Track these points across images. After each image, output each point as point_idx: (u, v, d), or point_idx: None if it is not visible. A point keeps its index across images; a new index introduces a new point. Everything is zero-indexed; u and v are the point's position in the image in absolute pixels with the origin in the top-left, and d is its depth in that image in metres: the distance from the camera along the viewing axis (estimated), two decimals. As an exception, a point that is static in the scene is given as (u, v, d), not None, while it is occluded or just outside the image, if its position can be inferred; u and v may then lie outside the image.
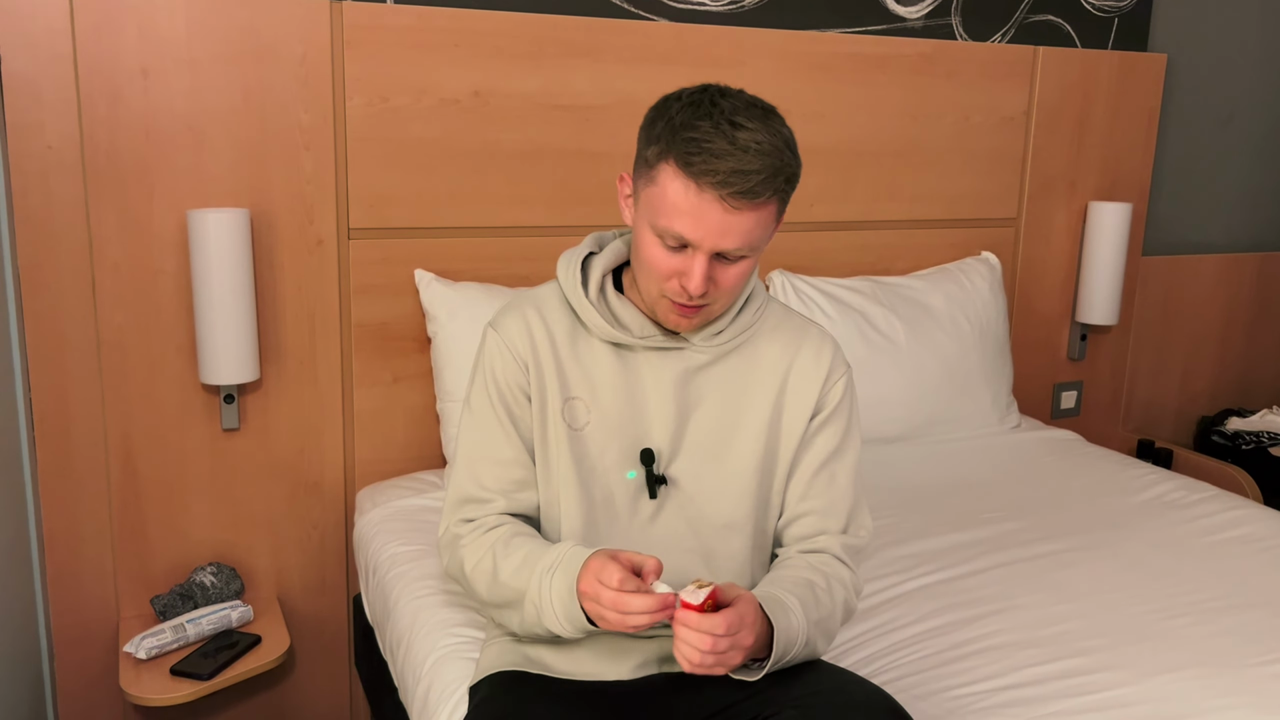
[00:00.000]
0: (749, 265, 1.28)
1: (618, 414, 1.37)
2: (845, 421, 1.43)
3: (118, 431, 2.03)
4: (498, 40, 2.16)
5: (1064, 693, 1.46)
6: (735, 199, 1.19)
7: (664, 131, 1.23)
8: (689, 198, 1.20)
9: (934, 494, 2.16)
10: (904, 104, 2.57)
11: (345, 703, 2.33)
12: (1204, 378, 3.24)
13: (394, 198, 2.14)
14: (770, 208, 1.24)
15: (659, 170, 1.23)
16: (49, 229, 1.92)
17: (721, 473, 1.38)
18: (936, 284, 2.56)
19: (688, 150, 1.20)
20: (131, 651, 1.92)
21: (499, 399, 1.38)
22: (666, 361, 1.37)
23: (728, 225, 1.21)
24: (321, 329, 2.14)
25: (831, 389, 1.42)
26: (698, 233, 1.22)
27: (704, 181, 1.19)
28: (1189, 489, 2.21)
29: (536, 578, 1.26)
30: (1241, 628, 1.65)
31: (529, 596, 1.27)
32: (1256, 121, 3.15)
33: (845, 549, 1.41)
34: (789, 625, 1.26)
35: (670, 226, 1.23)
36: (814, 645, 1.32)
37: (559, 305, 1.40)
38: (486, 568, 1.33)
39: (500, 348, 1.38)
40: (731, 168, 1.18)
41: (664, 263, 1.26)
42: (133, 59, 1.92)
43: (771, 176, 1.20)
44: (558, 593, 1.24)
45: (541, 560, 1.27)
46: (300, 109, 2.04)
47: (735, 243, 1.23)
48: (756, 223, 1.23)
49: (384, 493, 2.12)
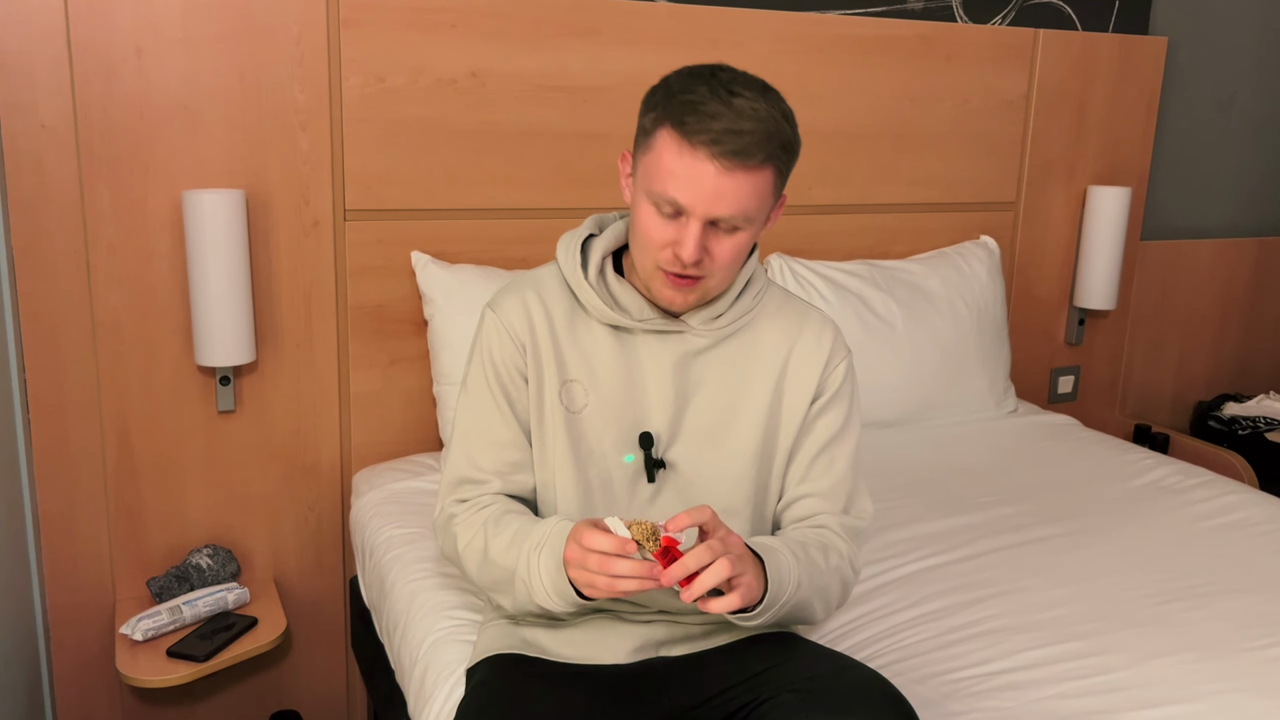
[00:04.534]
0: (744, 239, 1.27)
1: (616, 397, 1.36)
2: (846, 406, 1.43)
3: (113, 413, 2.02)
4: (495, 20, 2.15)
5: (1061, 676, 1.47)
6: (728, 159, 1.19)
7: (662, 99, 1.25)
8: (683, 159, 1.21)
9: (931, 478, 2.16)
10: (903, 87, 2.55)
11: (342, 685, 2.33)
12: (1201, 363, 3.25)
13: (390, 179, 2.13)
14: (765, 174, 1.23)
15: (655, 137, 1.24)
16: (43, 209, 1.91)
17: (720, 457, 1.37)
18: (934, 268, 2.56)
19: (682, 111, 1.21)
20: (128, 633, 1.92)
21: (496, 380, 1.38)
22: (666, 345, 1.37)
23: (721, 189, 1.21)
24: (318, 311, 2.13)
25: (832, 373, 1.42)
26: (690, 195, 1.22)
27: (697, 140, 1.20)
28: (1185, 474, 2.22)
29: (524, 555, 1.27)
30: (1237, 612, 1.65)
31: (518, 574, 1.28)
32: (1256, 106, 3.14)
33: (844, 528, 1.41)
34: (778, 565, 1.26)
35: (665, 191, 1.23)
36: (810, 604, 1.31)
37: (558, 287, 1.40)
38: (478, 546, 1.33)
39: (498, 328, 1.38)
40: (725, 127, 1.19)
41: (659, 232, 1.26)
42: (127, 37, 1.90)
43: (765, 139, 1.21)
44: (546, 568, 1.24)
45: (530, 537, 1.28)
46: (296, 89, 2.03)
47: (728, 209, 1.22)
48: (751, 190, 1.22)
49: (381, 475, 2.12)
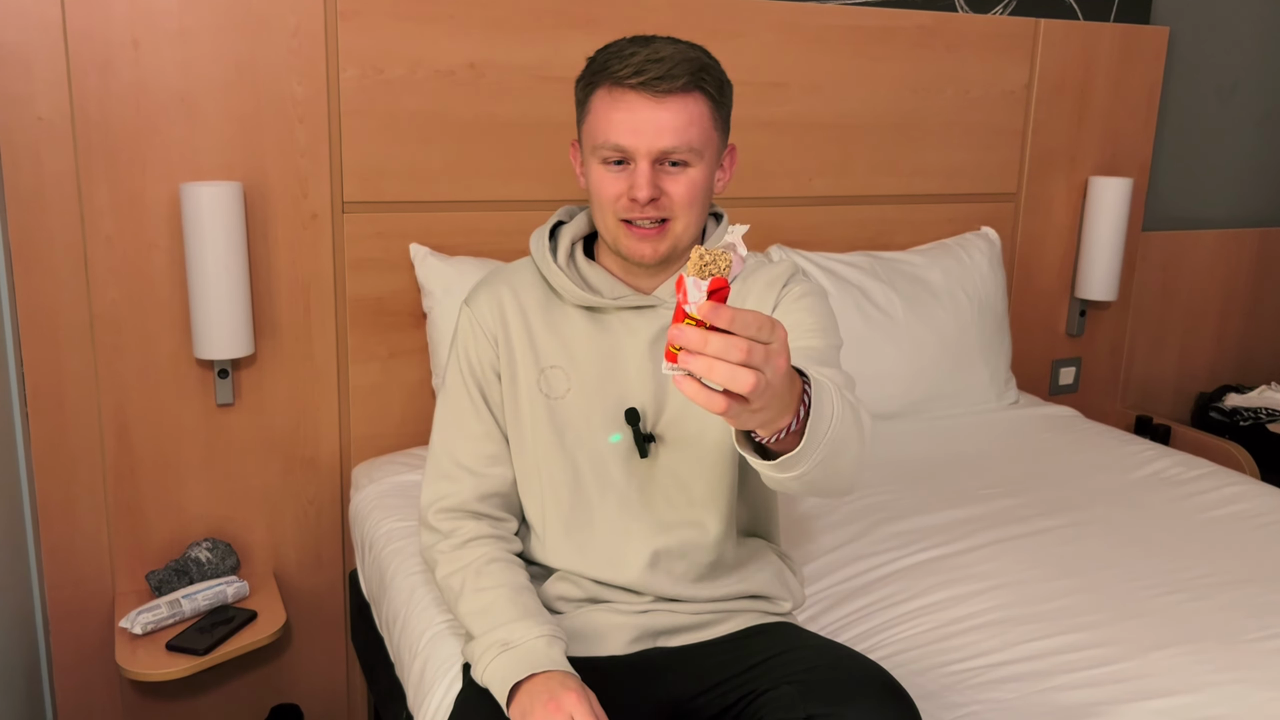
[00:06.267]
0: (697, 175, 1.29)
1: (597, 379, 1.37)
2: (813, 316, 1.34)
3: (112, 407, 2.01)
4: (493, 11, 2.14)
5: (1061, 668, 1.46)
6: (654, 87, 1.24)
7: (586, 71, 1.31)
8: (615, 101, 1.26)
9: (932, 470, 2.16)
10: (904, 77, 2.54)
11: (341, 678, 2.33)
12: (1203, 354, 3.24)
13: (388, 171, 2.12)
14: (696, 100, 1.26)
15: (589, 102, 1.30)
16: (40, 203, 1.90)
17: (705, 426, 1.37)
18: (935, 259, 2.55)
19: (606, 62, 1.27)
20: (127, 627, 1.92)
21: (470, 376, 1.41)
22: (642, 321, 1.37)
23: (658, 121, 1.25)
24: (316, 304, 2.12)
25: (785, 294, 1.37)
26: (630, 134, 1.25)
27: (623, 79, 1.25)
28: (1187, 465, 2.21)
29: (486, 642, 1.26)
30: (1239, 603, 1.65)
31: (477, 644, 1.27)
32: (1258, 96, 3.13)
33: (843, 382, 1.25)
34: (820, 392, 1.02)
35: (607, 139, 1.27)
36: (845, 423, 1.05)
37: (531, 276, 1.42)
38: (454, 587, 1.35)
39: (471, 324, 1.41)
40: (644, 58, 1.24)
41: (612, 185, 1.29)
42: (123, 29, 1.90)
43: (686, 64, 1.25)
44: (498, 670, 1.23)
45: (500, 629, 1.26)
46: (294, 81, 2.02)
47: (670, 140, 1.25)
48: (686, 117, 1.25)
49: (380, 468, 2.11)
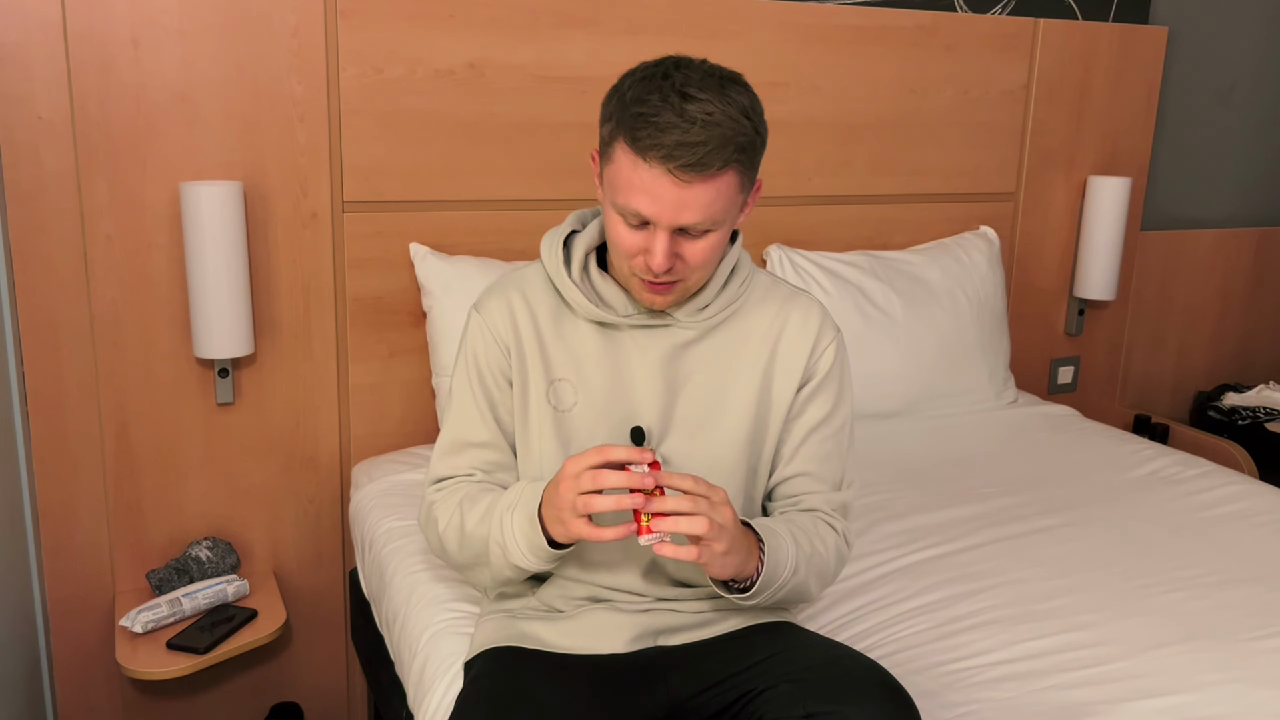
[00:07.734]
0: (717, 239, 1.25)
1: (605, 394, 1.36)
2: (836, 387, 1.43)
3: (112, 406, 2.02)
4: (493, 10, 2.14)
5: (1060, 667, 1.46)
6: (684, 172, 1.17)
7: (616, 109, 1.22)
8: (639, 174, 1.19)
9: (930, 469, 2.16)
10: (903, 76, 2.55)
11: (342, 676, 2.33)
12: (1201, 353, 3.24)
13: (388, 170, 2.12)
14: (727, 178, 1.20)
15: (613, 148, 1.22)
16: (40, 202, 1.90)
17: (712, 447, 1.37)
18: (934, 259, 2.55)
19: (634, 126, 1.18)
20: (127, 625, 1.92)
21: (479, 382, 1.40)
22: (653, 339, 1.36)
23: (682, 199, 1.19)
24: (316, 303, 2.12)
25: (821, 356, 1.41)
26: (653, 209, 1.20)
27: (651, 156, 1.17)
28: (1185, 464, 2.21)
29: (498, 518, 1.29)
30: (1237, 602, 1.65)
31: (492, 538, 1.30)
32: (1257, 96, 3.13)
33: (835, 506, 1.42)
34: (777, 548, 1.27)
35: (628, 204, 1.21)
36: (805, 583, 1.33)
37: (543, 285, 1.40)
38: (455, 523, 1.36)
39: (482, 330, 1.39)
40: (677, 140, 1.16)
41: (629, 241, 1.25)
42: (123, 28, 1.90)
43: (720, 147, 1.17)
44: (519, 526, 1.26)
45: (501, 501, 1.30)
46: (293, 80, 2.02)
47: (694, 217, 1.20)
48: (714, 195, 1.20)
49: (380, 467, 2.11)
